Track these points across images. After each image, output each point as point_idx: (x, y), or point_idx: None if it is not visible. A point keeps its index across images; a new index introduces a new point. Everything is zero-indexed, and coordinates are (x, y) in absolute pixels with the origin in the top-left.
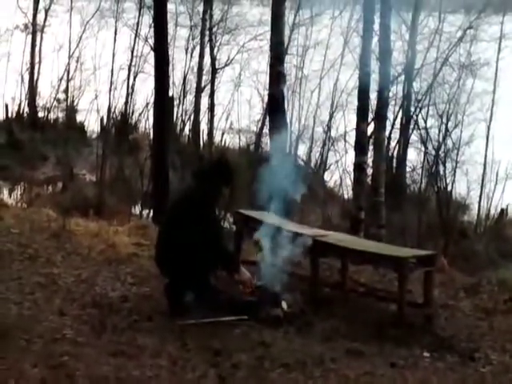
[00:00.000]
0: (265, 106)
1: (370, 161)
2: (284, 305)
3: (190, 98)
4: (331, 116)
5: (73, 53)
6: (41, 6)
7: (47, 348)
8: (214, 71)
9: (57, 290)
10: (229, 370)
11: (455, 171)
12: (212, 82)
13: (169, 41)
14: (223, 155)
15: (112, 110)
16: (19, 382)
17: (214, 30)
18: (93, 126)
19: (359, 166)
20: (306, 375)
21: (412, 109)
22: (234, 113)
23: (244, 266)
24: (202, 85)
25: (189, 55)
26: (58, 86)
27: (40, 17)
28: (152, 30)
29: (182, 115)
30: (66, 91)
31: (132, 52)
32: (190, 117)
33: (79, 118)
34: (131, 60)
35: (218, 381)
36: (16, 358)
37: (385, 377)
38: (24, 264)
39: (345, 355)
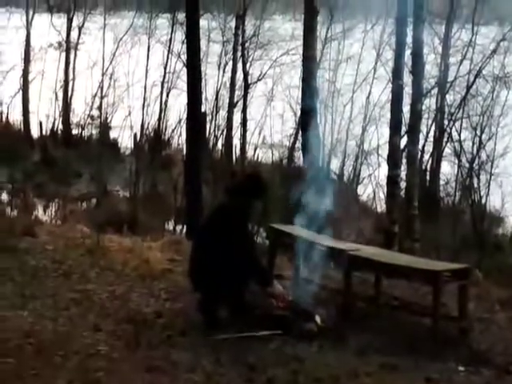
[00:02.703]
0: (297, 120)
1: (403, 174)
2: (318, 319)
3: (223, 113)
4: (364, 130)
5: (106, 70)
6: (74, 23)
7: (82, 364)
8: (247, 86)
9: (91, 305)
10: None
11: (489, 184)
12: (244, 97)
13: (201, 56)
14: (256, 170)
15: (145, 126)
16: None
17: (247, 45)
18: (126, 142)
19: (392, 180)
20: None
21: (445, 122)
22: (267, 127)
23: (278, 281)
24: (235, 100)
25: (221, 71)
26: (92, 103)
27: (74, 34)
28: (184, 46)
29: (214, 130)
30: (99, 108)
31: (165, 68)
32: (222, 132)
33: (113, 134)
34: (164, 76)
35: None
36: (51, 374)
37: None
38: (59, 280)
39: (379, 369)
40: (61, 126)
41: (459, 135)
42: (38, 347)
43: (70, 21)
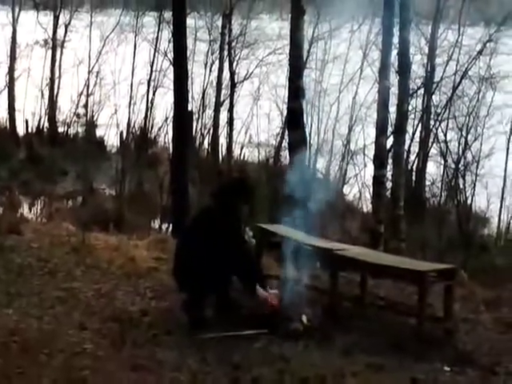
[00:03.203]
0: (284, 119)
1: (389, 174)
2: (304, 319)
3: (209, 112)
4: (350, 129)
5: (92, 68)
6: (61, 21)
7: (67, 362)
8: (233, 85)
9: (77, 304)
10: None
11: (475, 184)
12: (231, 96)
13: (188, 55)
14: (243, 172)
15: (131, 124)
16: None
17: (233, 44)
18: (112, 140)
19: (378, 180)
20: None
21: (431, 122)
22: (253, 127)
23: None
24: (221, 99)
25: (208, 69)
26: (78, 100)
27: (60, 32)
28: (171, 44)
29: (201, 129)
30: (85, 106)
31: (151, 66)
32: (209, 131)
33: (99, 132)
34: (150, 74)
35: None
36: (36, 372)
37: None
38: (44, 278)
39: (365, 369)
40: (47, 124)
41: (445, 136)
42: (23, 345)
43: (56, 18)
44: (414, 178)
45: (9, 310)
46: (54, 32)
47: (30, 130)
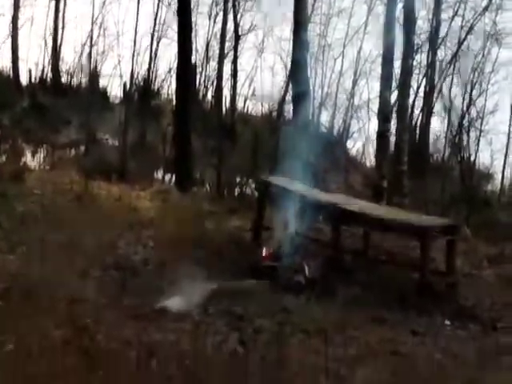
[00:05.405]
0: (288, 72)
1: (393, 129)
2: (306, 271)
3: (213, 64)
4: (354, 83)
5: (96, 18)
6: None
7: (70, 309)
8: (237, 37)
9: (79, 252)
10: (250, 334)
11: (479, 140)
12: (235, 49)
13: (192, 6)
14: None
15: (135, 75)
16: (43, 343)
17: None
18: (116, 91)
19: (382, 134)
20: (326, 341)
21: (436, 77)
22: (257, 79)
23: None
24: (225, 51)
25: (212, 21)
26: (81, 51)
27: None
28: None
29: (204, 81)
30: (89, 56)
31: (155, 18)
32: (212, 83)
33: (102, 83)
34: (154, 26)
35: (239, 345)
36: (39, 319)
37: (406, 344)
38: (47, 225)
39: (366, 322)
40: (50, 74)
41: (449, 91)
42: (26, 292)
43: None
44: (417, 133)
45: (11, 257)
46: None
47: (33, 79)
